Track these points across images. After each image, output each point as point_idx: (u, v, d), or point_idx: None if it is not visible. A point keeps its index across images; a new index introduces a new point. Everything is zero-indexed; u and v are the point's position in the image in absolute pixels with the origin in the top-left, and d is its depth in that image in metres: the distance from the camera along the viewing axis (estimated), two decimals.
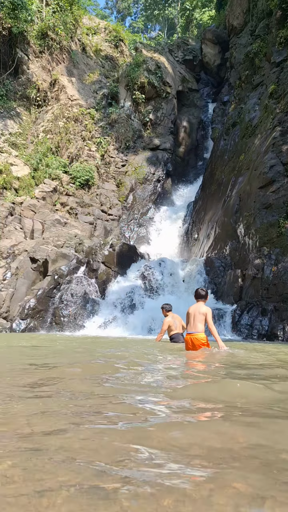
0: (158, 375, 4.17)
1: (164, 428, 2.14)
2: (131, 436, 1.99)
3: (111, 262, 15.71)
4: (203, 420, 2.34)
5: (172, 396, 3.03)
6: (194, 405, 2.72)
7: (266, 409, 2.64)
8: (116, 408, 2.60)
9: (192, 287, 14.78)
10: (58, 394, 3.02)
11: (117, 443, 1.87)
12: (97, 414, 2.41)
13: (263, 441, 1.94)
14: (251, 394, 3.07)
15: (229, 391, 3.19)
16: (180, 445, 1.86)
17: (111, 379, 3.74)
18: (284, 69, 17.01)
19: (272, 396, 3.02)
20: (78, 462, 1.61)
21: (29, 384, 3.45)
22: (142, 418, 2.33)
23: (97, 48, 30.83)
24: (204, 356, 6.10)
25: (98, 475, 1.47)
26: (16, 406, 2.62)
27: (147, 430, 2.08)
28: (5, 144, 22.32)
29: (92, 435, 1.97)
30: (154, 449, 1.80)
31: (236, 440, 1.94)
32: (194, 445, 1.86)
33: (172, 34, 55.81)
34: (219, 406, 2.72)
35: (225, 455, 1.72)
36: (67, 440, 1.90)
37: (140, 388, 3.30)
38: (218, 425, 2.23)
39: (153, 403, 2.75)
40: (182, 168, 28.67)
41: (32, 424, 2.18)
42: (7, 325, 13.98)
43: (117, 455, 1.70)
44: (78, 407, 2.58)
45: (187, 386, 3.51)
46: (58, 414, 2.39)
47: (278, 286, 11.88)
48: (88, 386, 3.33)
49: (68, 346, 8.33)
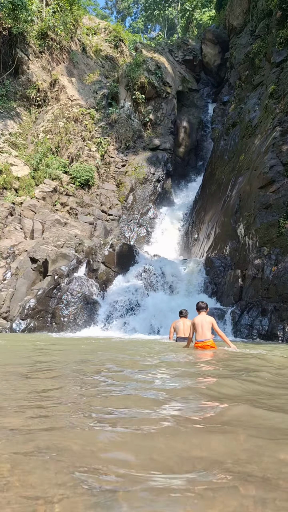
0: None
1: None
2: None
3: (111, 262, 15.70)
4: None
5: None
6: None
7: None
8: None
9: (192, 287, 14.79)
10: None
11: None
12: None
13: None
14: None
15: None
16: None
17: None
18: (284, 69, 17.00)
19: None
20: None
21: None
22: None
23: (97, 48, 30.83)
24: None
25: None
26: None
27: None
28: (5, 144, 22.32)
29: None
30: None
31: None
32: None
33: (172, 34, 55.81)
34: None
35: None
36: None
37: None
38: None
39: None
40: (182, 168, 28.66)
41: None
42: (7, 325, 13.97)
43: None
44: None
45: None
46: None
47: (278, 286, 11.87)
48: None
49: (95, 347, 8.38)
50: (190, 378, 4.08)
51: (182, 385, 3.54)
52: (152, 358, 5.87)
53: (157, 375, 4.20)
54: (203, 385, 3.64)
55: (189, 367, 5.13)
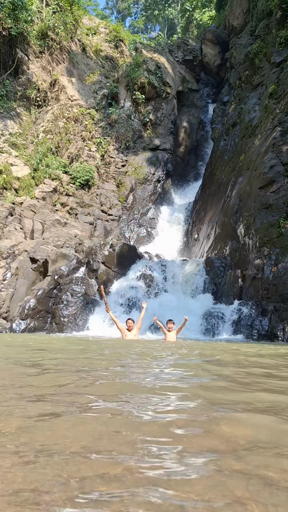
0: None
1: None
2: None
3: (111, 262, 15.71)
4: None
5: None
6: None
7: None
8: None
9: (192, 288, 14.80)
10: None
11: None
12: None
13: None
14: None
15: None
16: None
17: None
18: (284, 69, 17.02)
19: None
20: None
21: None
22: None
23: (97, 48, 30.84)
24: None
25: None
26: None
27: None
28: (5, 144, 22.33)
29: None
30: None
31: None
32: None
33: (172, 35, 55.85)
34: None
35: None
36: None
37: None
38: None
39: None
40: (182, 168, 28.68)
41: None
42: (7, 325, 13.97)
43: None
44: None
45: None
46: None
47: (278, 286, 11.88)
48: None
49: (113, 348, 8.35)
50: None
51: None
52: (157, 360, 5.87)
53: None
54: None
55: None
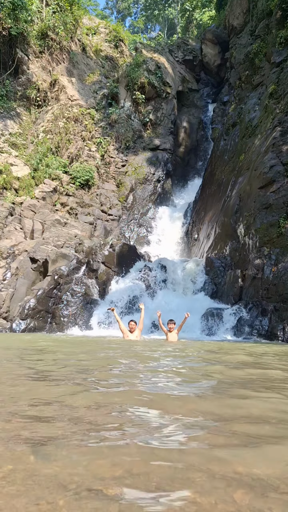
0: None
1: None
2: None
3: (111, 262, 15.71)
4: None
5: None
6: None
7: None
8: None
9: (192, 288, 14.80)
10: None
11: None
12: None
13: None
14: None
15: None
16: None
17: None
18: (284, 69, 17.01)
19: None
20: None
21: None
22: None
23: (97, 48, 30.84)
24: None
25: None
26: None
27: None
28: (5, 144, 22.33)
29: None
30: None
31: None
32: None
33: (172, 34, 55.83)
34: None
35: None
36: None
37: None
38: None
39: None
40: (182, 168, 28.67)
41: None
42: (7, 325, 13.97)
43: None
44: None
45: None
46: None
47: (278, 286, 11.88)
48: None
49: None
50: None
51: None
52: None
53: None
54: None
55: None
